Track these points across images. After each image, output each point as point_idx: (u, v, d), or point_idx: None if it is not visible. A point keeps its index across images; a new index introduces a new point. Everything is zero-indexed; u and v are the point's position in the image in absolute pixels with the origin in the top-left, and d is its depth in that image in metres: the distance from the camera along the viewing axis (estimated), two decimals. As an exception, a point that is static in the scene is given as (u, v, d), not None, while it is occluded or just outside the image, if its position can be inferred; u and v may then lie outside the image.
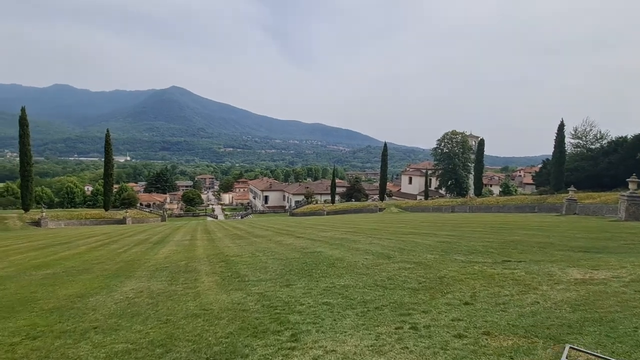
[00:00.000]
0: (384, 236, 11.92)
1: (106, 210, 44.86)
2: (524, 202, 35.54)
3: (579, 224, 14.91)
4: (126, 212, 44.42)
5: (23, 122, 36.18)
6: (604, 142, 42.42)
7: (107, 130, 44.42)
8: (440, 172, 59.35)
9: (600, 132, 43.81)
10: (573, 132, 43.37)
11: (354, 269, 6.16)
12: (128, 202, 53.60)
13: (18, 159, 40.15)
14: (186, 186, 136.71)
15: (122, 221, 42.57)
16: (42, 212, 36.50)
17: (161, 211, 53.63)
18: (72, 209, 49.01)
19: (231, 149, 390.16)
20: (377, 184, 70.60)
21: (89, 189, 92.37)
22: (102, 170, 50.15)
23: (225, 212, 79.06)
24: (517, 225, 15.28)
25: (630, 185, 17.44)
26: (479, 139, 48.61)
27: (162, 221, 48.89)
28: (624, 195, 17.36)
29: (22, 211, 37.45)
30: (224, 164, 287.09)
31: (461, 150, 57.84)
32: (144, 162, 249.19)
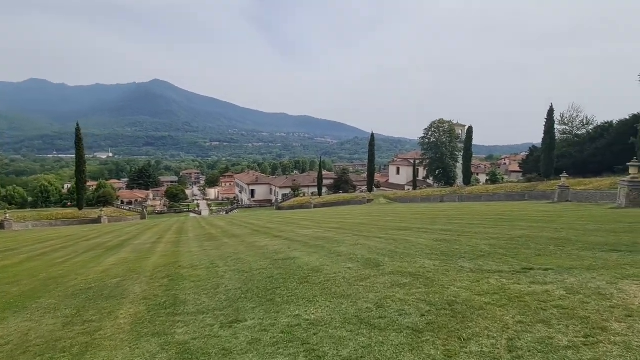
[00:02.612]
0: (371, 233, 10.46)
1: (80, 209, 42.25)
2: (514, 190, 34.84)
3: (581, 213, 13.80)
4: (101, 210, 41.90)
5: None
6: (590, 127, 42.08)
7: (77, 124, 41.58)
8: (427, 161, 58.46)
9: (586, 117, 43.52)
10: (560, 118, 42.81)
11: (331, 287, 4.64)
12: (104, 200, 50.82)
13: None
14: (171, 182, 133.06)
15: (97, 220, 40.17)
16: (6, 213, 33.82)
17: (140, 208, 51.11)
18: (42, 209, 46.09)
19: (217, 143, 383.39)
20: (365, 175, 69.33)
21: (67, 187, 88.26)
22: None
23: (211, 208, 76.72)
24: (515, 215, 14.07)
25: (631, 170, 16.44)
26: (467, 126, 47.70)
27: (141, 219, 46.55)
28: (624, 181, 16.38)
29: (-16, 213, 34.68)
30: (210, 159, 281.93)
31: (448, 139, 56.98)
32: (127, 159, 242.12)
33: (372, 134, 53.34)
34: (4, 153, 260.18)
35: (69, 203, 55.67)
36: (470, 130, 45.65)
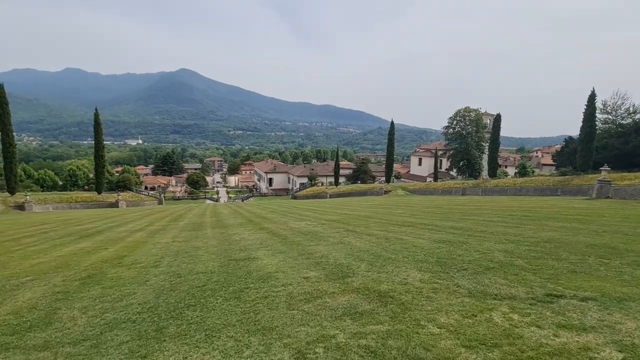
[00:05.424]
0: (367, 229, 8.95)
1: (99, 193, 43.15)
2: (545, 184, 31.78)
3: (628, 212, 11.55)
4: (118, 195, 42.58)
5: (2, 100, 33.95)
6: (637, 117, 37.83)
7: (96, 110, 42.06)
8: (451, 152, 55.17)
9: (633, 105, 39.04)
10: (602, 107, 38.67)
11: (260, 310, 3.26)
12: (123, 185, 51.86)
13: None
14: (195, 169, 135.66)
15: (114, 204, 40.88)
16: (26, 195, 34.81)
17: (158, 194, 51.79)
18: (64, 192, 47.61)
19: (241, 132, 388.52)
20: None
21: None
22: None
23: (230, 195, 77.28)
24: (545, 213, 12.00)
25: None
26: (495, 115, 44.15)
27: (158, 204, 47.14)
28: (681, 176, 13.81)
29: (8, 194, 35.91)
30: (233, 147, 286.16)
31: (475, 128, 53.27)
32: (155, 145, 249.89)
33: (392, 123, 50.67)
34: (44, 139, 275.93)
35: (86, 187, 57.22)
36: (498, 119, 42.10)
